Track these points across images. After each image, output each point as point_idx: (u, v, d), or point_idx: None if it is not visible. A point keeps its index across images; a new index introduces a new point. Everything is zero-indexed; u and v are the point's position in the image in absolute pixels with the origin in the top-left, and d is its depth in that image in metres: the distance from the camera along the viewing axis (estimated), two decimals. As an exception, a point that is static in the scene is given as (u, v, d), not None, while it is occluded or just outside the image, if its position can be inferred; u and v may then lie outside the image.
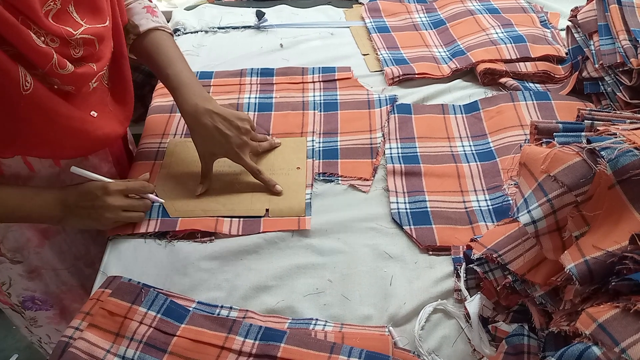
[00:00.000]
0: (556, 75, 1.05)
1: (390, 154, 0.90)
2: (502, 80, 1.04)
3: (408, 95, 1.03)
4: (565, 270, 0.49)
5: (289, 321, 0.69)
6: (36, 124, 0.69)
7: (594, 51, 0.95)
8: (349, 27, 1.26)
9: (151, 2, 0.90)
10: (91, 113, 0.76)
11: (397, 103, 1.01)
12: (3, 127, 0.67)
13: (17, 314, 0.98)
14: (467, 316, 0.67)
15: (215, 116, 0.80)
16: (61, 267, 0.91)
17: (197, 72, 1.09)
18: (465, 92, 1.04)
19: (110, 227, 0.79)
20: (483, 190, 0.84)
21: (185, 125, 0.97)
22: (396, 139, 0.93)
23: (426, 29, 1.23)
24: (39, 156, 0.77)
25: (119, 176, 0.94)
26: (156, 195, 0.82)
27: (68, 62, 0.67)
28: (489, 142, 0.92)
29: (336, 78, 1.07)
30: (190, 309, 0.69)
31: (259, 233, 0.79)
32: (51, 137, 0.72)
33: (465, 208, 0.82)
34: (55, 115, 0.70)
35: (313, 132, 0.96)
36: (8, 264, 0.87)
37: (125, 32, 0.86)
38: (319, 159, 0.91)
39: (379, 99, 1.01)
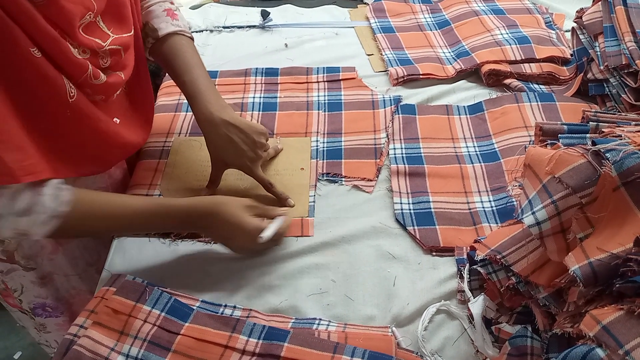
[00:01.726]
0: (561, 77, 1.04)
1: (394, 154, 0.90)
2: (507, 81, 1.04)
3: (412, 96, 1.03)
4: (569, 272, 0.49)
5: (293, 321, 0.69)
6: (77, 131, 0.69)
7: (599, 53, 0.95)
8: (353, 27, 1.26)
9: (172, 4, 0.89)
10: (114, 120, 0.76)
11: (401, 103, 1.01)
12: (46, 138, 0.65)
13: (27, 315, 0.98)
14: (471, 317, 0.67)
15: (231, 128, 0.79)
16: (72, 273, 0.91)
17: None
18: (469, 93, 1.04)
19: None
20: (487, 191, 0.84)
21: (190, 124, 0.98)
22: (400, 139, 0.93)
23: (431, 30, 1.22)
24: (86, 174, 0.77)
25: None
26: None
27: (101, 73, 0.68)
28: (493, 143, 0.92)
29: (340, 78, 1.07)
30: (194, 307, 0.69)
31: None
32: (89, 144, 0.72)
33: (469, 209, 0.82)
34: (96, 121, 0.70)
35: (317, 132, 0.96)
36: (21, 271, 0.86)
37: (144, 35, 0.85)
38: (323, 159, 0.91)
39: (384, 100, 1.01)
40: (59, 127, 0.66)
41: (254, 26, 1.26)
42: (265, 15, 1.26)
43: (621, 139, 0.52)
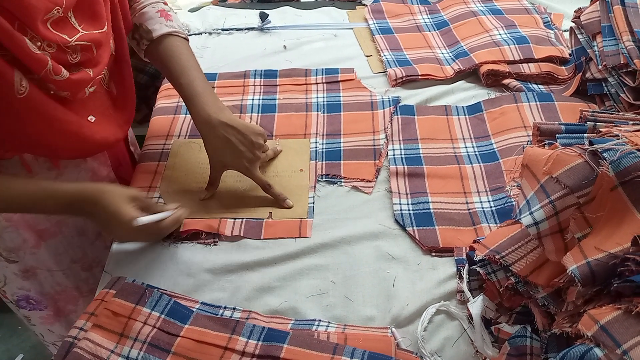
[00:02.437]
0: (559, 77, 1.05)
1: (393, 155, 0.91)
2: (506, 81, 1.04)
3: (411, 97, 1.03)
4: (568, 271, 0.49)
5: (292, 322, 0.69)
6: (33, 126, 0.70)
7: (597, 52, 0.95)
8: (352, 28, 1.26)
9: (166, 4, 0.89)
10: (89, 118, 0.76)
11: (400, 104, 1.01)
12: (2, 126, 0.68)
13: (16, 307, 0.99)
14: (470, 317, 0.67)
15: (229, 129, 0.79)
16: (56, 269, 0.91)
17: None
18: (468, 94, 1.04)
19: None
20: (486, 191, 0.84)
21: (190, 127, 0.98)
22: (399, 140, 0.93)
23: (429, 30, 1.23)
24: (37, 154, 0.78)
25: (118, 180, 0.93)
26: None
27: (63, 69, 0.67)
28: (492, 144, 0.92)
29: (339, 79, 1.08)
30: (194, 309, 0.69)
31: (260, 239, 0.79)
32: (49, 139, 0.73)
33: (468, 209, 0.82)
34: (51, 119, 0.70)
35: (316, 133, 0.96)
36: (4, 262, 0.87)
37: (139, 37, 0.85)
38: (322, 161, 0.91)
39: (382, 101, 1.02)
40: (8, 117, 0.67)
41: (252, 28, 1.26)
42: (263, 17, 1.27)
43: (619, 139, 0.52)
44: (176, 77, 0.83)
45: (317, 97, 1.04)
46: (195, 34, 1.25)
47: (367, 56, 1.16)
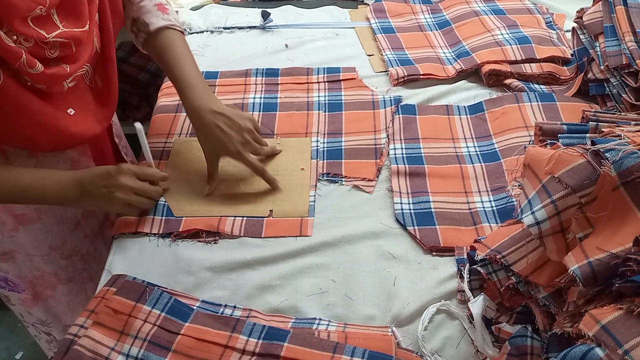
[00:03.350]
0: (561, 77, 1.04)
1: (395, 154, 0.90)
2: (507, 81, 1.04)
3: (413, 96, 1.03)
4: (569, 271, 0.49)
5: (293, 321, 0.69)
6: (8, 116, 0.71)
7: (599, 52, 0.95)
8: (354, 27, 1.26)
9: None
10: (68, 110, 0.77)
11: (401, 104, 1.01)
12: None
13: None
14: (471, 317, 0.67)
15: (218, 116, 0.82)
16: (35, 254, 0.92)
17: (203, 72, 1.09)
18: (470, 93, 1.04)
19: (121, 209, 0.80)
20: (487, 191, 0.84)
21: (191, 125, 0.98)
22: (400, 139, 0.93)
23: (431, 30, 1.23)
24: (14, 146, 0.79)
25: None
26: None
27: (38, 63, 0.68)
28: (493, 143, 0.92)
29: (341, 78, 1.08)
30: (195, 307, 0.69)
31: (261, 238, 0.79)
32: (24, 130, 0.74)
33: (469, 209, 0.82)
34: (25, 111, 0.72)
35: (317, 132, 0.96)
36: None
37: (137, 30, 0.88)
38: (323, 160, 0.91)
39: (384, 100, 1.01)
40: None
41: (254, 27, 1.26)
42: (265, 16, 1.26)
43: (621, 139, 0.52)
44: (170, 68, 0.86)
45: (319, 96, 1.04)
46: (197, 33, 1.25)
47: (369, 55, 1.16)
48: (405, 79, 1.06)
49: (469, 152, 0.91)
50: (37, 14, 0.67)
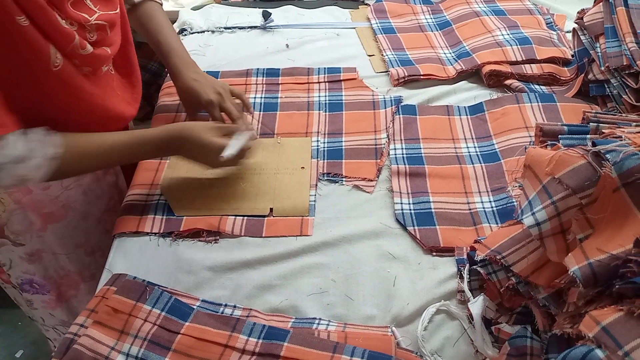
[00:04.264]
0: (562, 78, 1.04)
1: (395, 154, 0.91)
2: (508, 82, 1.04)
3: (413, 97, 1.03)
4: (569, 272, 0.49)
5: (293, 320, 0.69)
6: (62, 100, 0.73)
7: (600, 53, 0.95)
8: (354, 28, 1.26)
9: None
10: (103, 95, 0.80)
11: (402, 104, 1.01)
12: (31, 102, 0.71)
13: (16, 290, 1.00)
14: (470, 317, 0.67)
15: (197, 75, 0.92)
16: (61, 252, 0.93)
17: (204, 71, 1.10)
18: (470, 94, 1.04)
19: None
20: (487, 191, 0.84)
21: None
22: (401, 139, 0.93)
23: (432, 30, 1.23)
24: (61, 131, 0.80)
25: (121, 167, 0.97)
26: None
27: (87, 44, 0.72)
28: (493, 144, 0.92)
29: (341, 79, 1.08)
30: (195, 307, 0.69)
31: (261, 237, 0.79)
32: (75, 114, 0.76)
33: (470, 209, 0.82)
34: (80, 92, 0.74)
35: (318, 132, 0.96)
36: (10, 245, 0.89)
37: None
38: (324, 159, 0.91)
39: (384, 100, 1.02)
40: (41, 91, 0.70)
41: (255, 27, 1.26)
42: (266, 16, 1.27)
43: (621, 140, 0.52)
44: (154, 35, 0.95)
45: (319, 96, 1.04)
46: (198, 32, 1.25)
47: (370, 56, 1.16)
48: (406, 79, 1.06)
49: (469, 152, 0.91)
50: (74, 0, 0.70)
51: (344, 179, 0.88)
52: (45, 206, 0.86)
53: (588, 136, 0.59)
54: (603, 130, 0.58)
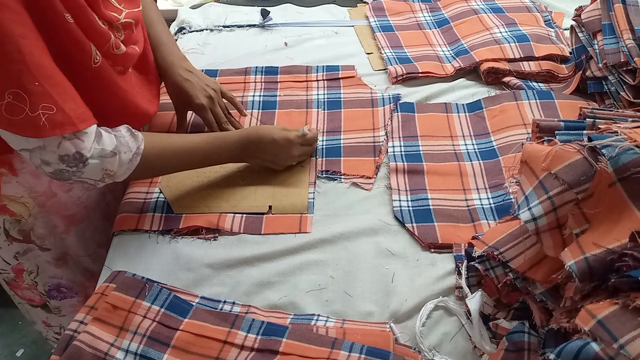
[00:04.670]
0: (560, 75, 1.05)
1: (393, 152, 0.91)
2: (506, 79, 1.04)
3: (411, 94, 1.04)
4: (566, 267, 0.49)
5: (291, 317, 0.69)
6: (100, 95, 0.73)
7: (597, 50, 0.95)
8: (353, 26, 1.26)
9: None
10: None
11: (400, 102, 1.01)
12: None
13: (36, 308, 0.99)
14: (468, 313, 0.67)
15: (187, 72, 0.91)
16: (84, 254, 0.93)
17: (203, 70, 1.10)
18: (468, 91, 1.04)
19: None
20: (485, 188, 0.85)
21: (190, 123, 0.98)
22: (399, 137, 0.94)
23: (430, 28, 1.23)
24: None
25: None
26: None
27: (122, 43, 0.72)
28: (491, 141, 0.92)
29: (340, 77, 1.08)
30: (194, 303, 0.69)
31: (260, 234, 0.80)
32: (109, 109, 0.76)
33: (468, 206, 0.82)
34: (116, 89, 0.75)
35: (316, 130, 0.96)
36: (37, 251, 0.89)
37: None
38: (322, 157, 0.91)
39: (383, 98, 1.02)
40: (84, 88, 0.70)
41: (254, 25, 1.26)
42: (265, 14, 1.27)
43: (617, 135, 0.52)
44: (147, 28, 0.91)
45: (318, 94, 1.04)
46: (197, 31, 1.25)
47: (368, 54, 1.16)
48: (404, 77, 1.06)
49: (467, 149, 0.92)
50: None
51: (342, 177, 0.88)
52: (68, 208, 0.86)
53: (584, 132, 0.59)
54: (599, 126, 0.58)
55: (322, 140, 0.94)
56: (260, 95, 1.04)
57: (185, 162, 0.81)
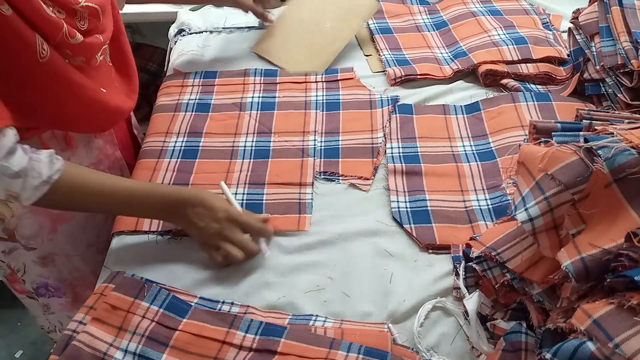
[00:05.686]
0: (557, 77, 1.05)
1: (392, 153, 0.91)
2: (504, 81, 1.05)
3: (410, 96, 1.04)
4: (562, 267, 0.50)
5: (290, 317, 0.70)
6: (53, 93, 0.71)
7: (595, 53, 0.96)
8: (352, 28, 1.26)
9: None
10: (101, 89, 0.78)
11: (398, 103, 1.01)
12: (21, 96, 0.68)
13: (34, 301, 1.00)
14: (466, 314, 0.67)
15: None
16: (74, 254, 0.92)
17: (202, 71, 1.11)
18: (466, 93, 1.04)
19: (210, 251, 0.76)
20: (483, 189, 0.85)
21: (189, 124, 0.99)
22: (397, 138, 0.94)
23: (428, 31, 1.23)
24: (57, 128, 0.79)
25: (123, 160, 0.97)
26: (266, 244, 0.78)
27: (77, 32, 0.69)
28: (489, 142, 0.92)
29: (339, 78, 1.08)
30: (192, 304, 0.70)
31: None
32: (67, 108, 0.74)
33: (465, 207, 0.82)
34: (70, 85, 0.72)
35: (315, 131, 0.96)
36: (22, 250, 0.88)
37: None
38: (320, 158, 0.91)
39: (381, 100, 1.02)
40: (30, 84, 0.68)
41: (253, 27, 1.27)
42: (264, 16, 1.27)
43: (613, 136, 0.53)
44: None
45: (317, 96, 1.04)
46: (197, 33, 1.26)
47: (367, 55, 1.16)
48: (403, 79, 1.07)
49: (465, 151, 0.92)
50: None
51: (340, 178, 0.88)
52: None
53: (581, 133, 0.60)
54: (596, 127, 0.59)
55: (321, 142, 0.95)
56: (259, 97, 1.04)
57: (104, 203, 0.74)
